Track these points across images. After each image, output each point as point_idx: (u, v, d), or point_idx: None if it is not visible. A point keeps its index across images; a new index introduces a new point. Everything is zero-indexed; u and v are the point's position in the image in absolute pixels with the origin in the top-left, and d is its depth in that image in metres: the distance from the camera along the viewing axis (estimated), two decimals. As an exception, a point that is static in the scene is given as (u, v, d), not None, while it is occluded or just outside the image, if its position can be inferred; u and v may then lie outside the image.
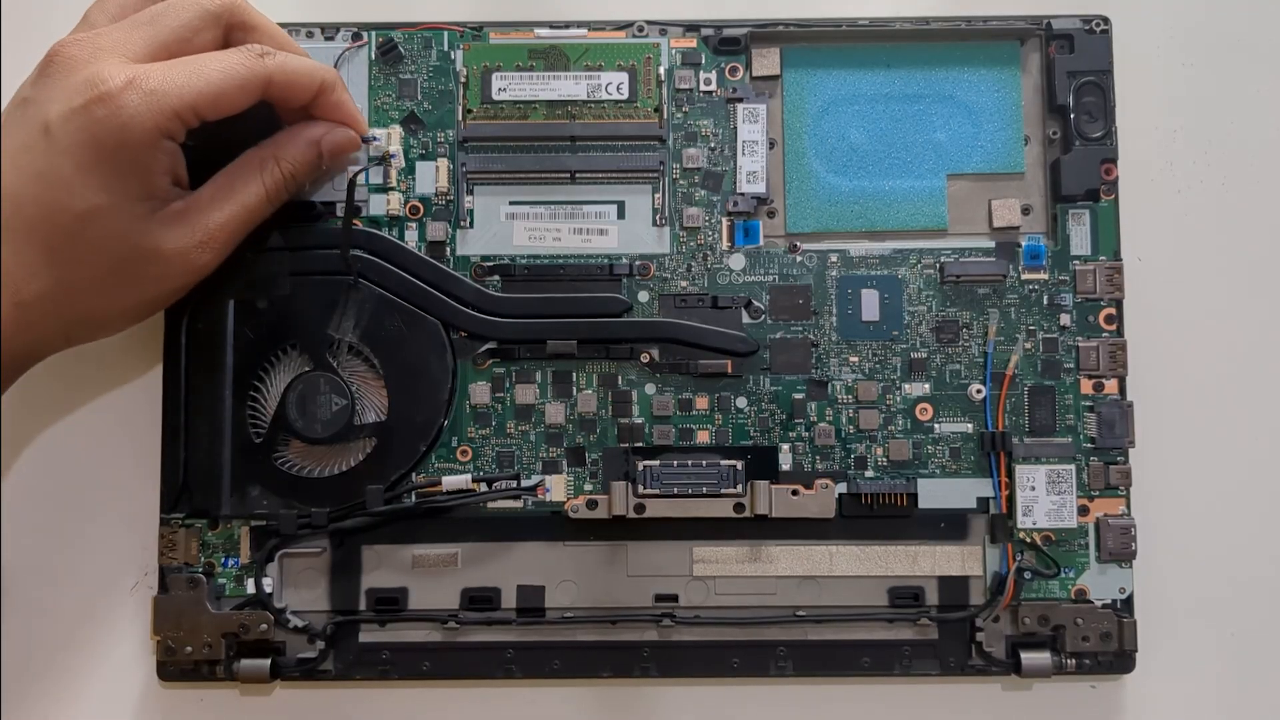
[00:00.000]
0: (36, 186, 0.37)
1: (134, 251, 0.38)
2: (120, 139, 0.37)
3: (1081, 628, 0.43)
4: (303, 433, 0.44)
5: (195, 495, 0.44)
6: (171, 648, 0.43)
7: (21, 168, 0.37)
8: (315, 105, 0.41)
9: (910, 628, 0.44)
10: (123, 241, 0.38)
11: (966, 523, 0.44)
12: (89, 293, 0.39)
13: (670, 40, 0.46)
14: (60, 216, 0.37)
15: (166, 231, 0.39)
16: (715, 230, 0.45)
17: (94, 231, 0.37)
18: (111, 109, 0.36)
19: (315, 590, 0.44)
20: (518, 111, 0.45)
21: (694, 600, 0.44)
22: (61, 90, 0.37)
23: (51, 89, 0.37)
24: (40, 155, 0.37)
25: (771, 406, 0.45)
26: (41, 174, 0.37)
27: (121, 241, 0.38)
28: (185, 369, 0.44)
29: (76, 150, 0.37)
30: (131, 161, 0.37)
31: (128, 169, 0.37)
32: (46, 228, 0.37)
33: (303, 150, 0.42)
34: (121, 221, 0.38)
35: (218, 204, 0.40)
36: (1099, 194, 0.45)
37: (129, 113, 0.36)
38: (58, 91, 0.37)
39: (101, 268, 0.38)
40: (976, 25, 0.45)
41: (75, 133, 0.36)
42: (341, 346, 0.44)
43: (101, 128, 0.36)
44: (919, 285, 0.45)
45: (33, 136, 0.37)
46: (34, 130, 0.37)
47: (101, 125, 0.36)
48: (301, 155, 0.42)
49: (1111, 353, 0.44)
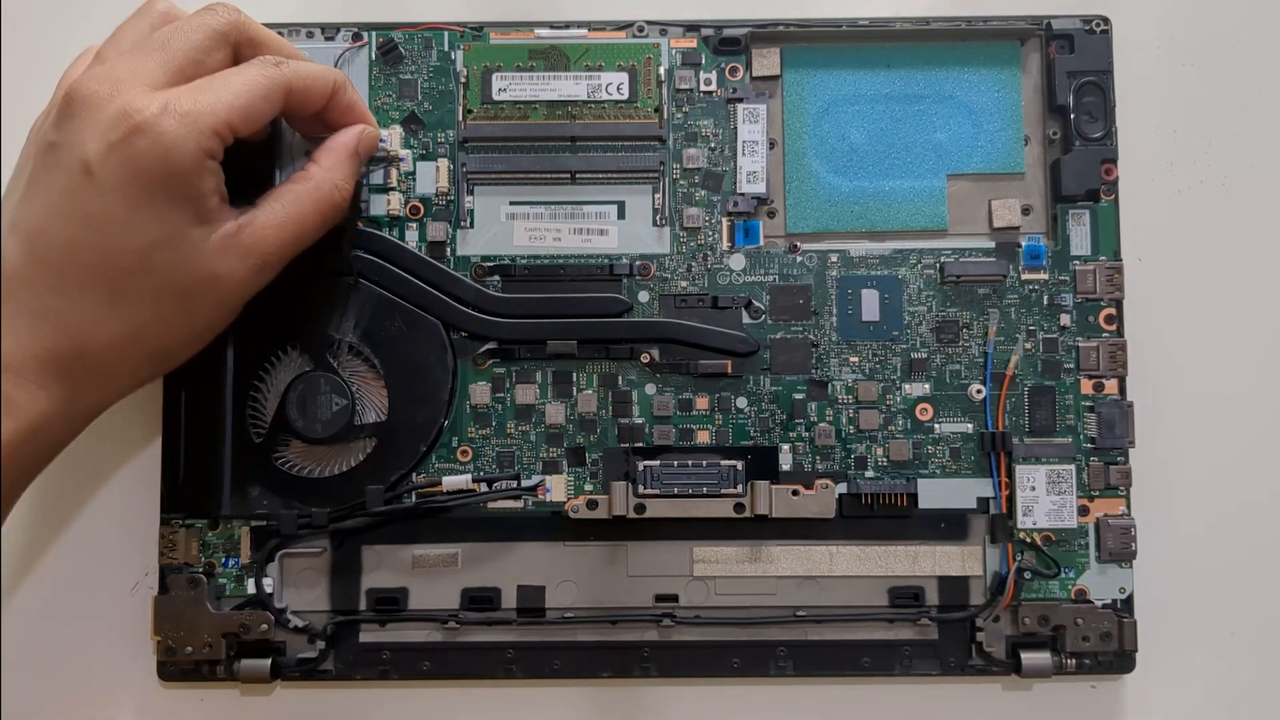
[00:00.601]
0: (89, 232, 0.36)
1: (194, 280, 0.37)
2: (166, 167, 0.36)
3: (1082, 628, 0.43)
4: (303, 433, 0.44)
5: (195, 495, 0.44)
6: (172, 648, 0.43)
7: (68, 214, 0.36)
8: (329, 108, 0.41)
9: (910, 628, 0.44)
10: (184, 272, 0.37)
11: (967, 523, 0.44)
12: (156, 328, 0.38)
13: (670, 40, 0.46)
14: (120, 258, 0.36)
15: (223, 258, 0.38)
16: (715, 230, 0.45)
17: (154, 266, 0.37)
18: (152, 138, 0.35)
19: (315, 590, 0.44)
20: (518, 112, 0.45)
21: (694, 600, 0.44)
22: (93, 128, 0.36)
23: (81, 129, 0.36)
24: (87, 198, 0.36)
25: (772, 407, 0.45)
26: (91, 217, 0.36)
27: (182, 273, 0.37)
28: (185, 369, 0.44)
29: (124, 187, 0.35)
30: (180, 188, 0.36)
31: (179, 196, 0.36)
32: (107, 271, 0.36)
33: (347, 165, 0.41)
34: (180, 251, 0.37)
35: (273, 227, 0.39)
36: (1099, 194, 0.45)
37: (170, 138, 0.36)
38: (89, 130, 0.36)
39: (165, 303, 0.37)
40: (976, 25, 0.45)
41: (119, 169, 0.35)
42: (342, 346, 0.44)
43: (146, 159, 0.35)
44: (919, 285, 0.45)
45: (73, 180, 0.36)
46: (73, 173, 0.36)
47: (146, 156, 0.35)
48: (350, 171, 0.41)
49: (1111, 353, 0.44)
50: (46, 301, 0.36)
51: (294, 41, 0.45)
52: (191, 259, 0.37)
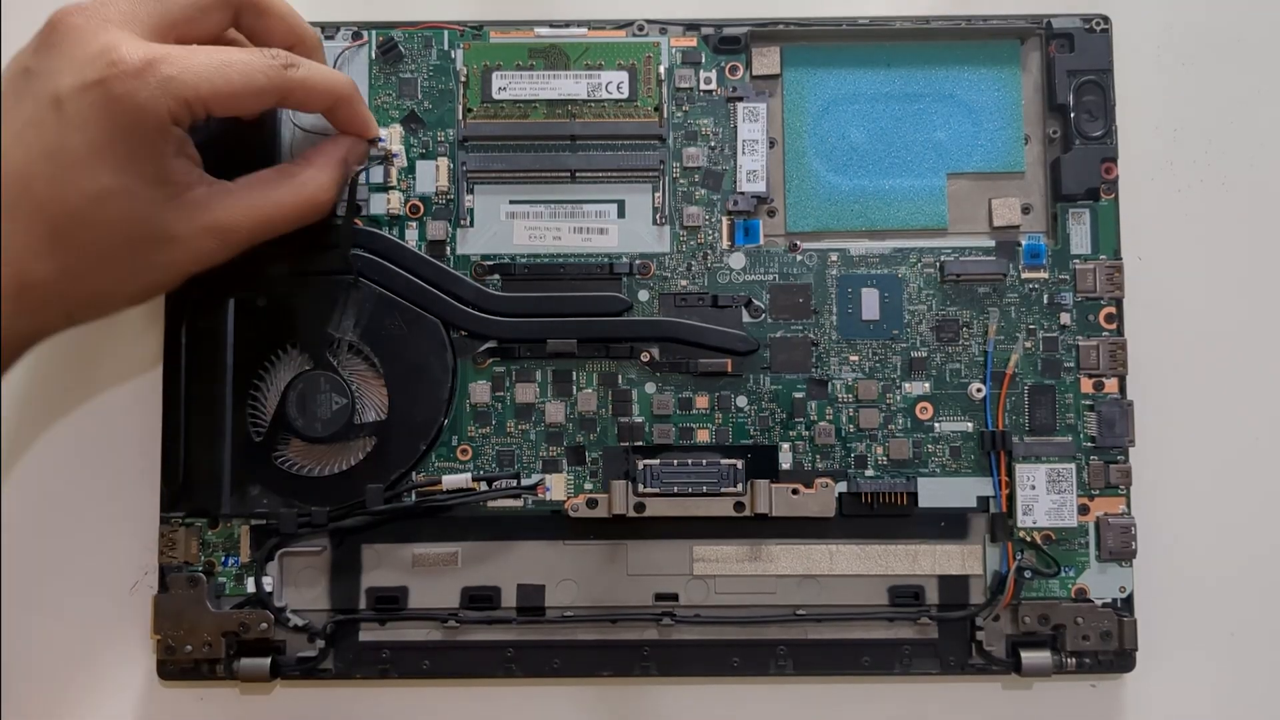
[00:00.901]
0: (46, 164, 0.35)
1: (144, 235, 0.37)
2: (134, 119, 0.35)
3: (1081, 627, 0.43)
4: (303, 432, 0.44)
5: (195, 494, 0.44)
6: (172, 646, 0.43)
7: (29, 144, 0.35)
8: (330, 115, 0.41)
9: (910, 627, 0.44)
10: (133, 225, 0.36)
11: (967, 522, 0.44)
12: (94, 275, 0.37)
13: (670, 39, 0.46)
14: (71, 197, 0.35)
15: (182, 221, 0.37)
16: (715, 229, 0.45)
17: (103, 213, 0.36)
18: (129, 88, 0.35)
19: (315, 589, 0.44)
20: (518, 110, 0.45)
21: (694, 599, 0.44)
22: (70, 61, 0.35)
23: (58, 60, 0.35)
24: (51, 131, 0.35)
25: (772, 405, 0.45)
26: (51, 152, 0.35)
27: (131, 225, 0.36)
28: (185, 368, 0.44)
29: (89, 127, 0.35)
30: (143, 144, 0.36)
31: (140, 151, 0.36)
32: (55, 208, 0.35)
33: (335, 171, 0.41)
34: (132, 204, 0.36)
35: (244, 203, 0.39)
36: (1099, 193, 0.45)
37: (145, 94, 0.35)
38: (66, 63, 0.35)
39: (109, 250, 0.37)
40: (977, 24, 0.45)
41: (89, 109, 0.35)
42: (341, 345, 0.44)
43: (118, 106, 0.35)
44: (919, 284, 0.45)
45: (41, 110, 0.35)
46: (42, 104, 0.35)
47: (118, 104, 0.35)
48: (337, 177, 0.41)
49: (1111, 352, 0.44)
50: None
51: (294, 40, 0.45)
52: (146, 214, 0.37)
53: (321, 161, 0.41)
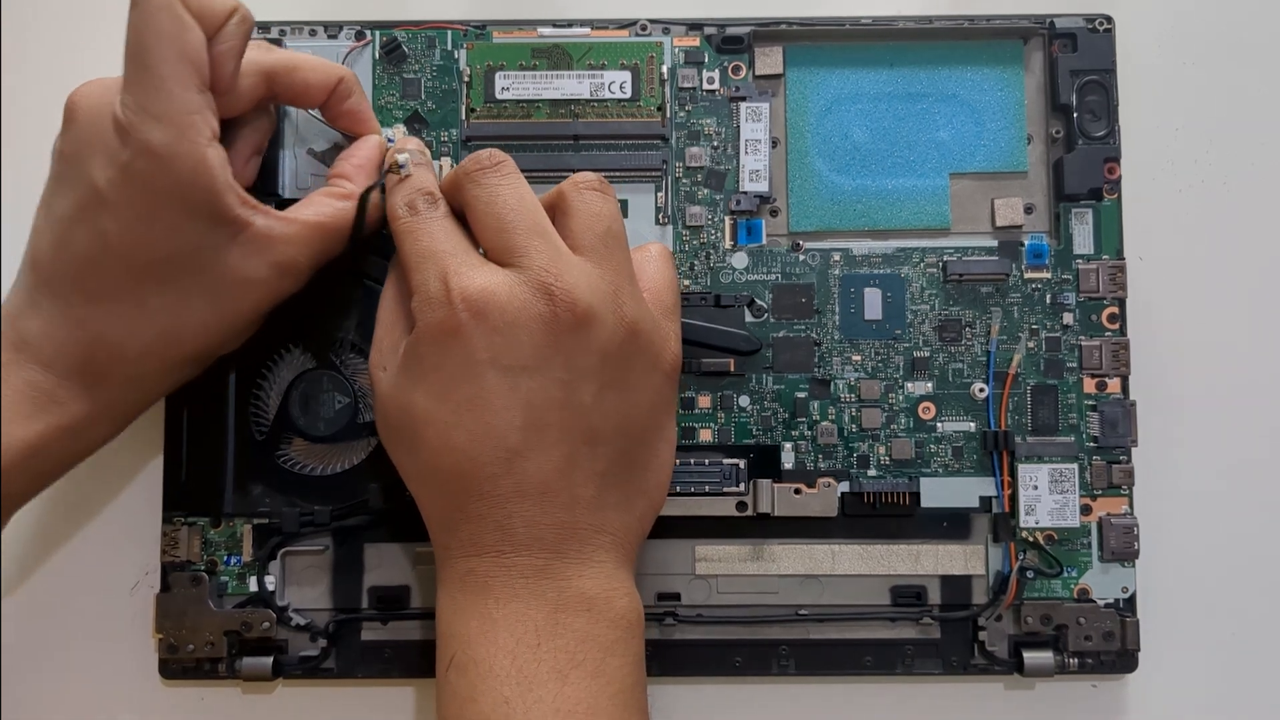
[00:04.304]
0: (107, 247, 0.36)
1: (221, 284, 0.38)
2: (170, 179, 0.36)
3: (1084, 627, 0.43)
4: (306, 431, 0.44)
5: (198, 493, 0.44)
6: (174, 646, 0.43)
7: (88, 230, 0.36)
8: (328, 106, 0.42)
9: (913, 627, 0.44)
10: (210, 277, 0.37)
11: (969, 522, 0.44)
12: (188, 332, 0.38)
13: (673, 39, 0.46)
14: (142, 269, 0.36)
15: (249, 261, 0.38)
16: (718, 229, 0.45)
17: (179, 272, 0.37)
18: (148, 152, 0.35)
19: (318, 588, 0.44)
20: (521, 110, 0.45)
21: (696, 599, 0.44)
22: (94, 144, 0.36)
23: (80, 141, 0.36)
24: (101, 217, 0.36)
25: (774, 405, 0.45)
26: (107, 234, 0.36)
27: (209, 277, 0.37)
28: (188, 367, 0.44)
29: (134, 205, 0.36)
30: (191, 194, 0.36)
31: (191, 202, 0.36)
32: (131, 281, 0.37)
33: (375, 179, 0.41)
34: (203, 257, 0.37)
35: (300, 241, 0.39)
36: (1102, 193, 0.45)
37: (162, 147, 0.35)
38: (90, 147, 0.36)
39: (194, 306, 0.38)
40: (979, 24, 0.45)
41: (125, 188, 0.35)
42: (344, 344, 0.44)
43: (149, 174, 0.35)
44: (922, 284, 0.45)
45: (86, 198, 0.36)
46: (84, 192, 0.36)
47: (148, 172, 0.35)
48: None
49: (1114, 352, 0.44)
50: (78, 311, 0.37)
51: (296, 40, 0.45)
52: (216, 264, 0.37)
53: (363, 177, 0.41)
